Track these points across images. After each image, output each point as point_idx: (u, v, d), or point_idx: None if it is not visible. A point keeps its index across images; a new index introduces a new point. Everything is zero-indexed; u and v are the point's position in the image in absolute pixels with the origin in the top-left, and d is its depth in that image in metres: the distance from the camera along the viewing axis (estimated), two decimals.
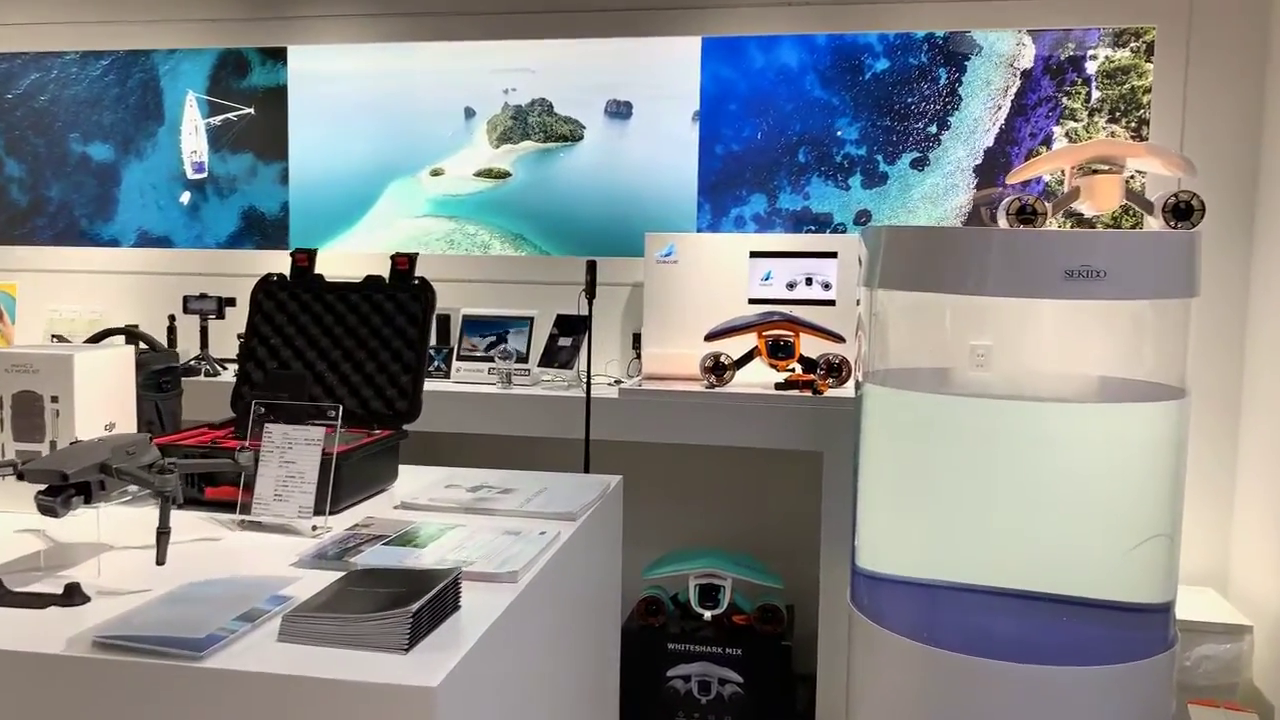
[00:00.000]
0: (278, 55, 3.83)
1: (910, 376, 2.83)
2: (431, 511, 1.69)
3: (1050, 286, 2.30)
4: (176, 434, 1.81)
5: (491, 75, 3.68)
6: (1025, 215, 2.58)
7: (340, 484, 1.63)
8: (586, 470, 2.96)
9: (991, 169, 3.38)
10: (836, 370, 3.16)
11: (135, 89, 3.95)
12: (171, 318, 3.68)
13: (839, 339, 3.17)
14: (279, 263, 3.98)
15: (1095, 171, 2.60)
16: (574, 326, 3.31)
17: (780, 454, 3.37)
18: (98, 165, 4.00)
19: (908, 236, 2.59)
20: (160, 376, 1.90)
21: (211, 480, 1.64)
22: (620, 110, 3.61)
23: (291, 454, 1.54)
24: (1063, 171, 3.29)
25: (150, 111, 3.95)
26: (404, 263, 1.97)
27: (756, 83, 3.50)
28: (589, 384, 2.99)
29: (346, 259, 3.78)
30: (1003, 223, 2.64)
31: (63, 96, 4.00)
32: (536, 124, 3.67)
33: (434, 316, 1.94)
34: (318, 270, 2.02)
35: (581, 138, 3.64)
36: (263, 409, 1.57)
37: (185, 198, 3.95)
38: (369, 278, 1.99)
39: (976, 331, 3.23)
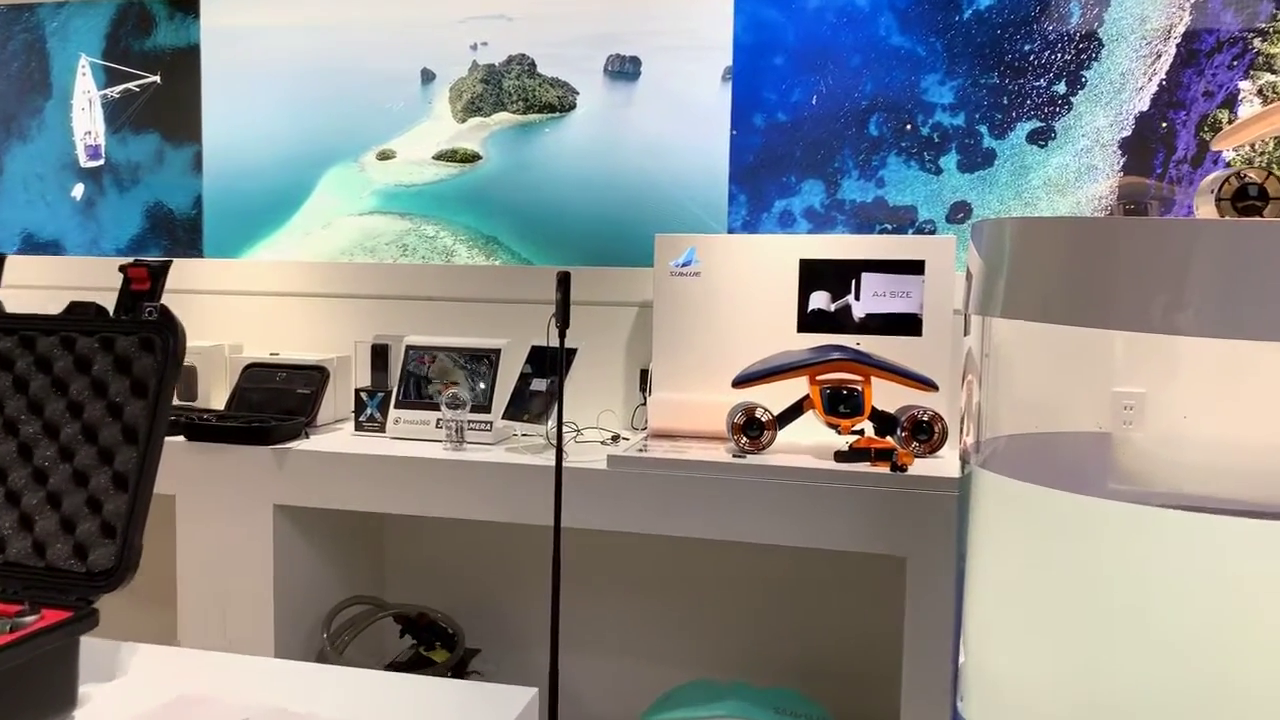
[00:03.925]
0: (188, 6, 2.97)
1: (1049, 451, 1.87)
2: None
3: None
4: None
5: (455, 26, 2.77)
6: (1248, 201, 1.59)
7: None
8: (555, 591, 2.01)
9: (1146, 143, 2.37)
10: (926, 432, 2.18)
11: (18, 53, 3.12)
12: None
13: (929, 386, 2.19)
14: (192, 272, 3.19)
15: None
16: (555, 363, 2.37)
17: (843, 557, 2.39)
18: None
19: (1056, 234, 1.62)
20: None
21: None
22: (625, 69, 2.67)
23: None
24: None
25: (35, 82, 3.11)
26: (142, 277, 1.05)
27: (811, 27, 2.54)
28: (559, 454, 2.05)
29: (273, 271, 2.90)
30: (1205, 215, 1.65)
31: None
32: (514, 89, 2.75)
33: (177, 377, 1.02)
34: (236, 288, 1.11)
35: (574, 107, 2.71)
36: None
37: (78, 191, 3.11)
38: (74, 306, 1.07)
39: (1125, 372, 2.29)
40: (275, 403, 2.56)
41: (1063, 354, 1.88)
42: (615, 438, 2.46)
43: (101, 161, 3.07)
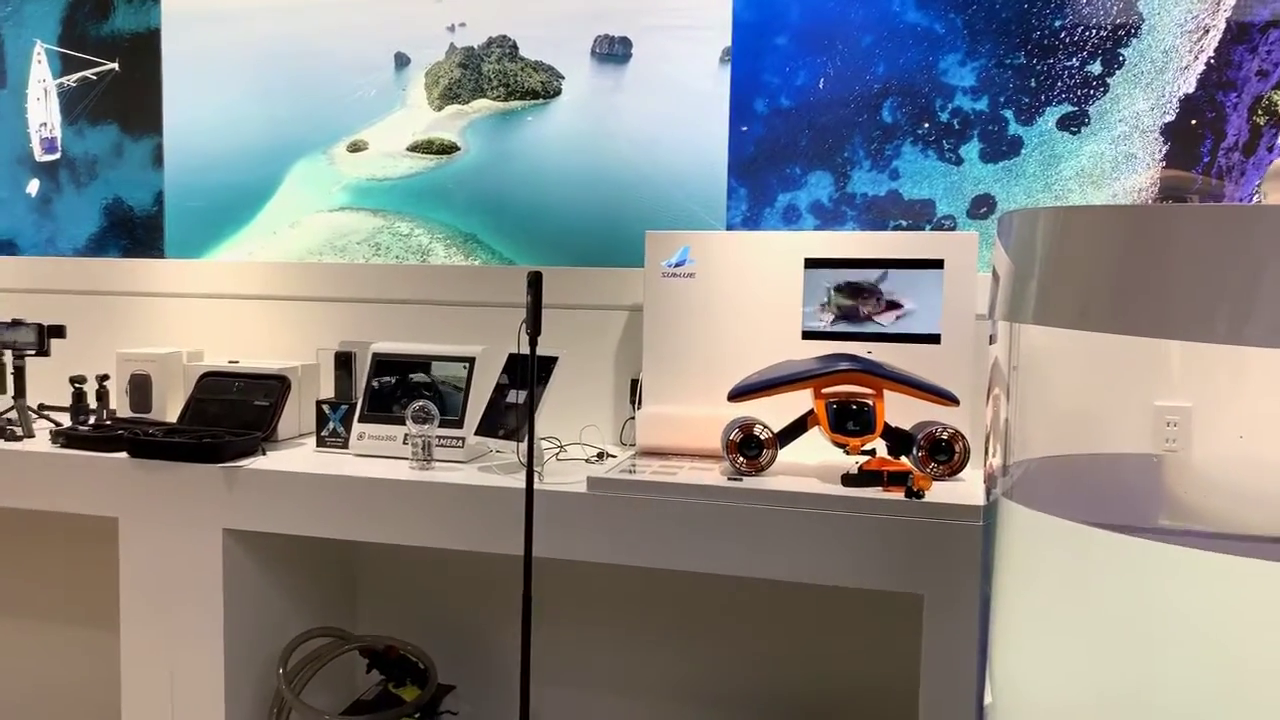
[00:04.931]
0: None
1: (1088, 476, 1.65)
2: None
3: None
4: None
5: (430, 6, 2.55)
6: None
7: None
8: (526, 632, 1.78)
9: (1192, 129, 2.13)
10: (945, 453, 1.94)
11: None
12: None
13: (949, 400, 1.96)
14: (153, 274, 2.94)
15: None
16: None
17: (853, 593, 2.15)
18: None
19: (1100, 226, 1.39)
20: None
21: None
22: (614, 51, 2.45)
23: None
24: None
25: None
26: None
27: (818, 3, 2.31)
28: (530, 477, 1.82)
29: (237, 272, 2.69)
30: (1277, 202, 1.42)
31: None
32: (495, 74, 2.53)
33: None
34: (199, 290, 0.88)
35: (559, 93, 2.49)
36: None
37: (33, 187, 2.91)
38: None
39: (1168, 384, 2.04)
40: (232, 415, 2.34)
41: (1098, 363, 1.66)
42: (601, 455, 2.23)
43: (58, 155, 2.87)
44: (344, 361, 2.34)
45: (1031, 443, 1.60)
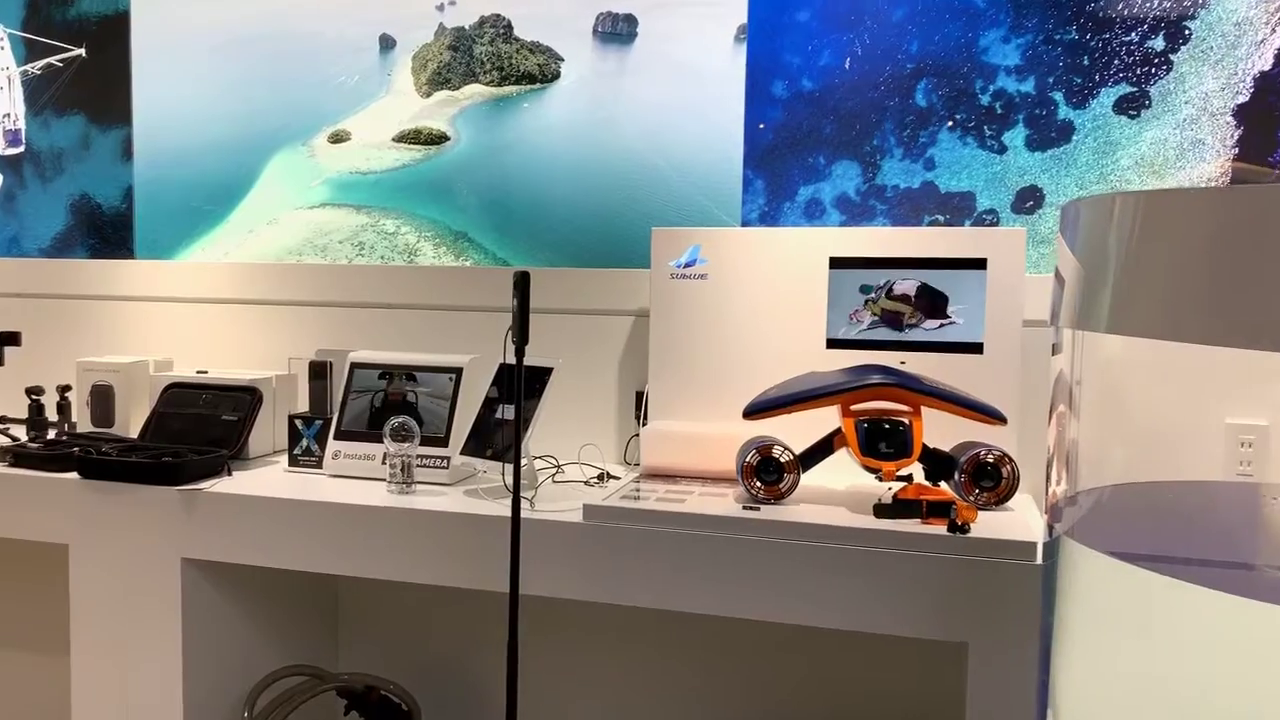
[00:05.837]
0: None
1: (1170, 509, 1.43)
2: None
3: None
4: None
5: None
6: None
7: None
8: (511, 685, 1.56)
9: (1269, 112, 1.89)
10: (990, 478, 1.71)
11: None
12: None
13: (995, 419, 1.72)
14: (121, 276, 2.57)
15: None
16: (526, 385, 1.92)
17: (885, 641, 1.91)
18: None
19: (1196, 211, 1.14)
20: None
21: None
22: (618, 30, 2.22)
23: None
24: None
25: None
26: None
27: None
28: (516, 504, 1.59)
29: (211, 274, 2.48)
30: None
31: None
32: (487, 57, 2.31)
33: None
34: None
35: (558, 76, 2.27)
36: None
37: None
38: None
39: (1241, 398, 1.85)
40: (197, 431, 2.13)
41: (1160, 374, 1.43)
42: (602, 476, 2.00)
43: (22, 149, 2.67)
44: (319, 372, 2.12)
45: (1099, 467, 1.37)
